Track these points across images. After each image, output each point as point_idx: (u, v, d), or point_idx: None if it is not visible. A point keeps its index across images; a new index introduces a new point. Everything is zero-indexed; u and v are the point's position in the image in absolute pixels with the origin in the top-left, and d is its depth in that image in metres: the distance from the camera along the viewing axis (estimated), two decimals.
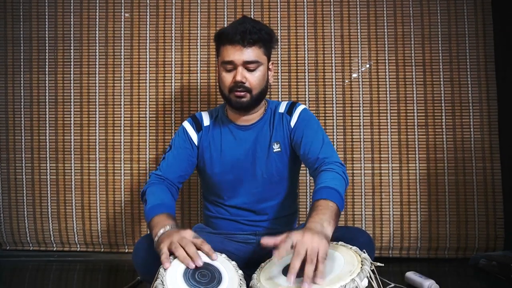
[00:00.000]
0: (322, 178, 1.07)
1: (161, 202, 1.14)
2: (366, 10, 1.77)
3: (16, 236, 1.82)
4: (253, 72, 1.20)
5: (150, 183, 1.23)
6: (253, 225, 1.29)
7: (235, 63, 1.18)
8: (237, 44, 1.17)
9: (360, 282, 0.80)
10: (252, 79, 1.20)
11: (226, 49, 1.19)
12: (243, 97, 1.20)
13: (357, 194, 1.74)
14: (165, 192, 1.21)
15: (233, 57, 1.18)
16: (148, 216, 1.11)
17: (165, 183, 1.24)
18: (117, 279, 1.60)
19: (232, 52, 1.18)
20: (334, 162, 1.13)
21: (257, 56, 1.19)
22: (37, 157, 1.80)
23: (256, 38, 1.18)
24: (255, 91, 1.21)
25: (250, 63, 1.18)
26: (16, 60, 1.81)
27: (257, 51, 1.19)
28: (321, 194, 1.01)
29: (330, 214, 0.95)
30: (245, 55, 1.17)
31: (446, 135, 1.73)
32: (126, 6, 1.80)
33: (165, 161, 1.27)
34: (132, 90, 1.79)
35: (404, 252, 1.74)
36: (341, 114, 1.76)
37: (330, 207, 0.97)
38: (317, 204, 0.98)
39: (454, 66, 1.74)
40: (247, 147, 1.27)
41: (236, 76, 1.18)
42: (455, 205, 1.72)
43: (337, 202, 0.99)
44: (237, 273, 0.95)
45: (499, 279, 1.45)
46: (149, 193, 1.18)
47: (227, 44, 1.19)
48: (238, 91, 1.19)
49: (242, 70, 1.18)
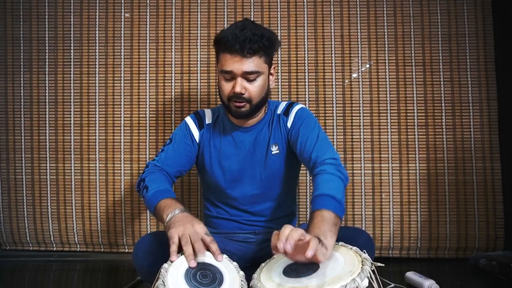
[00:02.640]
0: (316, 184, 1.04)
1: (166, 188, 1.14)
2: (366, 10, 1.77)
3: (16, 236, 1.82)
4: (253, 82, 1.16)
5: (149, 171, 1.22)
6: (252, 224, 1.29)
7: (234, 73, 1.14)
8: (237, 54, 1.12)
9: (360, 282, 0.80)
10: (252, 89, 1.16)
11: (225, 58, 1.14)
12: (242, 107, 1.18)
13: (357, 194, 1.74)
14: (167, 180, 1.20)
15: (232, 67, 1.13)
16: (153, 200, 1.10)
17: (163, 173, 1.23)
18: (117, 279, 1.60)
19: (231, 62, 1.13)
20: (326, 160, 1.09)
21: (257, 66, 1.15)
22: (37, 157, 1.80)
23: (256, 48, 1.12)
24: (255, 101, 1.19)
25: (249, 74, 1.14)
26: (16, 60, 1.81)
27: (257, 61, 1.14)
28: (316, 205, 0.98)
29: (325, 227, 0.91)
30: (244, 66, 1.13)
31: (446, 135, 1.74)
32: (126, 6, 1.80)
33: (164, 153, 1.26)
34: (132, 90, 1.79)
35: (404, 252, 1.74)
36: (341, 114, 1.76)
37: (325, 218, 0.94)
38: (312, 218, 0.96)
39: (454, 66, 1.74)
40: (246, 149, 1.27)
41: (235, 87, 1.14)
42: (455, 205, 1.72)
43: (333, 208, 0.96)
44: (239, 274, 0.96)
45: (499, 279, 1.45)
46: (149, 180, 1.17)
47: (226, 52, 1.14)
48: (237, 102, 1.17)
49: (241, 81, 1.15)
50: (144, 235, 1.17)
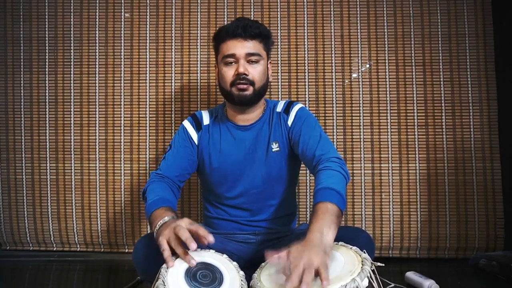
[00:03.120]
0: (319, 179, 1.05)
1: (160, 197, 1.14)
2: (366, 10, 1.77)
3: (16, 236, 1.82)
4: (255, 65, 1.21)
5: (150, 181, 1.23)
6: (252, 225, 1.29)
7: (237, 56, 1.19)
8: (239, 37, 1.19)
9: (360, 282, 0.80)
10: (255, 72, 1.21)
11: (227, 44, 1.21)
12: (246, 90, 1.20)
13: (357, 194, 1.74)
14: (164, 188, 1.20)
15: (235, 50, 1.19)
16: (148, 212, 1.11)
17: (164, 181, 1.23)
18: (117, 279, 1.60)
19: (234, 45, 1.19)
20: (331, 158, 1.11)
21: (258, 50, 1.22)
22: (37, 157, 1.80)
23: (257, 32, 1.21)
24: (258, 85, 1.21)
25: (252, 55, 1.20)
26: (16, 60, 1.81)
27: (258, 45, 1.22)
28: (320, 197, 0.99)
29: (329, 218, 0.93)
30: (247, 47, 1.20)
31: (446, 135, 1.74)
32: (126, 6, 1.80)
33: (165, 160, 1.27)
34: (132, 90, 1.79)
35: (404, 252, 1.74)
36: (341, 114, 1.76)
37: (329, 210, 0.95)
38: (316, 209, 0.97)
39: (454, 66, 1.74)
40: (247, 147, 1.27)
41: (239, 68, 1.19)
42: (455, 205, 1.72)
43: (336, 202, 0.98)
44: (239, 274, 0.95)
45: (499, 279, 1.45)
46: (149, 191, 1.18)
47: (228, 39, 1.21)
48: (241, 84, 1.19)
49: (244, 62, 1.20)
50: (144, 235, 1.17)
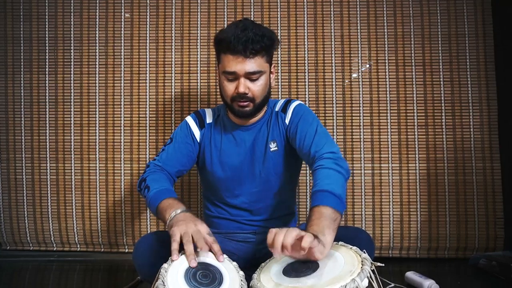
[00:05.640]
0: (314, 180, 1.04)
1: (167, 188, 1.14)
2: (366, 10, 1.77)
3: (16, 236, 1.82)
4: (256, 81, 1.17)
5: (150, 171, 1.22)
6: (252, 224, 1.29)
7: (237, 74, 1.15)
8: (239, 55, 1.12)
9: (360, 282, 0.80)
10: (255, 89, 1.17)
11: (228, 59, 1.15)
12: (246, 107, 1.19)
13: (357, 194, 1.74)
14: (168, 180, 1.21)
15: (235, 68, 1.14)
16: (155, 200, 1.10)
17: (165, 173, 1.23)
18: (117, 279, 1.60)
19: (234, 63, 1.13)
20: (324, 155, 1.08)
21: (260, 66, 1.15)
22: (37, 157, 1.80)
23: (259, 48, 1.13)
24: (258, 100, 1.19)
25: (252, 74, 1.15)
26: (16, 60, 1.81)
27: (259, 61, 1.15)
28: (314, 201, 0.98)
29: (324, 223, 0.91)
30: (247, 66, 1.13)
31: (446, 135, 1.74)
32: (126, 6, 1.80)
33: (165, 152, 1.26)
34: (132, 90, 1.79)
35: (404, 252, 1.75)
36: (341, 114, 1.76)
37: (323, 214, 0.93)
38: (310, 214, 0.96)
39: (454, 66, 1.74)
40: (247, 147, 1.27)
41: (239, 87, 1.15)
42: (455, 205, 1.72)
43: (331, 204, 0.96)
44: (238, 274, 0.95)
45: (499, 279, 1.45)
46: (151, 180, 1.17)
47: (228, 53, 1.14)
48: (241, 102, 1.17)
49: (244, 81, 1.15)
50: (144, 235, 1.17)
